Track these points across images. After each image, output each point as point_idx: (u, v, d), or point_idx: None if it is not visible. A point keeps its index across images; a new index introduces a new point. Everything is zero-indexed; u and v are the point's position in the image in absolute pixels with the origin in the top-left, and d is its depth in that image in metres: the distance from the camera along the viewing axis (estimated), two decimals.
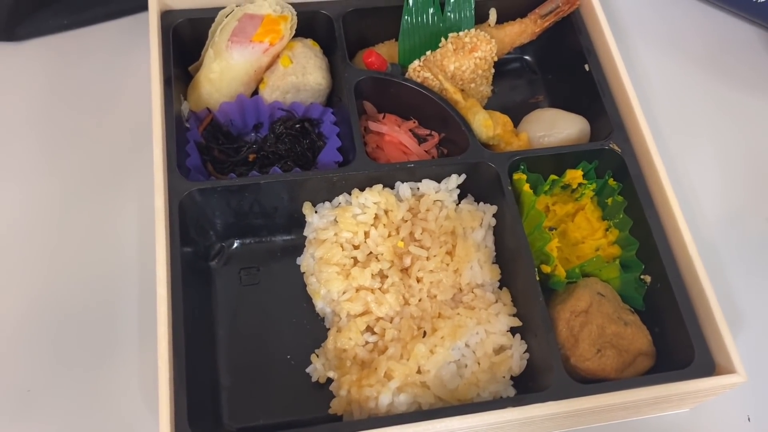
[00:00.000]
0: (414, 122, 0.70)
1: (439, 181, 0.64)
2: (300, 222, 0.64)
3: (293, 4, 0.68)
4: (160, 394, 0.50)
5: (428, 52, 0.68)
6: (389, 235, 0.61)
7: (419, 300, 0.59)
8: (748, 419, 0.62)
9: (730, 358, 0.54)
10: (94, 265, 0.65)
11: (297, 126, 0.67)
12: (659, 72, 0.82)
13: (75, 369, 0.60)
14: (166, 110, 0.62)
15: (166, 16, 0.68)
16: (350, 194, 0.63)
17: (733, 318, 0.65)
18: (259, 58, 0.66)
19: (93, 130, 0.72)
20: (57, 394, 0.59)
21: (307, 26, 0.69)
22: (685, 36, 0.85)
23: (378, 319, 0.58)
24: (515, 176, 0.63)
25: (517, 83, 0.79)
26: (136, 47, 0.75)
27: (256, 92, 0.69)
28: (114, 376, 0.60)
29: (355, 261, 0.60)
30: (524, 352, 0.58)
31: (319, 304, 0.61)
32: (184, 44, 0.68)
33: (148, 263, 0.60)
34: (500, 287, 0.62)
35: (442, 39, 0.69)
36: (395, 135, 0.67)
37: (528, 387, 0.57)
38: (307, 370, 0.59)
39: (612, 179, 0.65)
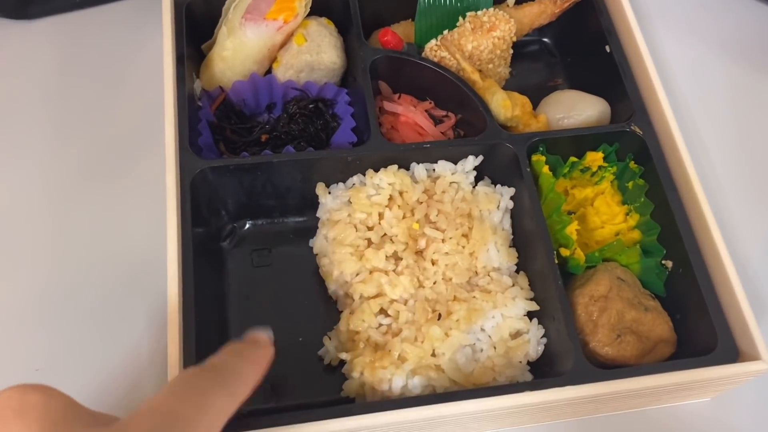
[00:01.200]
0: (430, 103, 0.68)
1: (455, 163, 0.63)
2: (313, 203, 0.63)
3: None
4: (169, 375, 0.49)
5: (445, 32, 0.67)
6: (404, 217, 0.60)
7: (434, 283, 0.58)
8: None
9: (755, 344, 0.53)
10: (106, 243, 0.64)
11: (311, 106, 0.66)
12: (680, 55, 0.80)
13: (85, 348, 0.59)
14: (179, 88, 0.61)
15: None
16: (364, 175, 0.62)
17: (758, 305, 0.64)
18: (272, 35, 0.65)
19: (105, 109, 0.71)
20: (66, 374, 0.58)
21: (322, 4, 0.68)
22: (707, 20, 0.83)
23: (392, 301, 0.57)
24: (534, 158, 0.62)
25: (536, 66, 0.77)
26: (149, 25, 0.74)
27: (269, 71, 0.68)
28: (124, 356, 0.59)
29: (369, 242, 0.59)
30: (541, 337, 0.57)
31: (332, 287, 0.60)
32: (197, 22, 0.67)
33: (160, 242, 0.59)
34: (517, 271, 0.61)
35: (460, 18, 0.68)
36: (411, 115, 0.66)
37: (545, 372, 0.56)
38: (319, 352, 0.58)
39: (633, 162, 0.63)
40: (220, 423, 0.37)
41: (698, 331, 0.56)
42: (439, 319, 0.56)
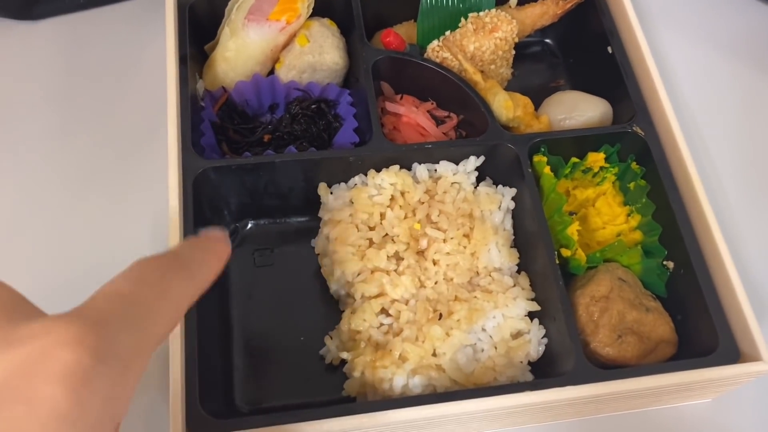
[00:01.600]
0: (432, 103, 0.68)
1: (457, 163, 0.63)
2: (315, 204, 0.63)
3: None
4: (171, 374, 0.49)
5: (448, 32, 0.67)
6: (405, 217, 0.60)
7: (435, 283, 0.58)
8: None
9: (756, 345, 0.53)
10: (108, 243, 0.64)
11: (313, 106, 0.66)
12: (682, 56, 0.80)
13: None
14: (182, 89, 0.61)
15: None
16: (366, 175, 0.62)
17: (759, 306, 0.63)
18: (275, 36, 0.65)
19: (109, 109, 0.72)
20: None
21: (325, 5, 0.68)
22: (708, 21, 0.83)
23: (393, 301, 0.57)
24: (535, 158, 0.62)
25: (538, 67, 0.78)
26: (152, 26, 0.74)
27: (272, 72, 0.68)
28: None
29: (371, 242, 0.59)
30: (542, 338, 0.57)
31: (334, 286, 0.60)
32: (200, 23, 0.68)
33: (162, 242, 0.59)
34: (518, 271, 0.61)
35: (462, 19, 0.68)
36: (413, 116, 0.66)
37: (546, 373, 0.56)
38: (321, 351, 0.58)
39: (635, 163, 0.63)
40: (181, 308, 0.35)
41: (699, 332, 0.56)
42: (440, 318, 0.56)
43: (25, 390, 0.26)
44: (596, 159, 0.64)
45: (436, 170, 0.62)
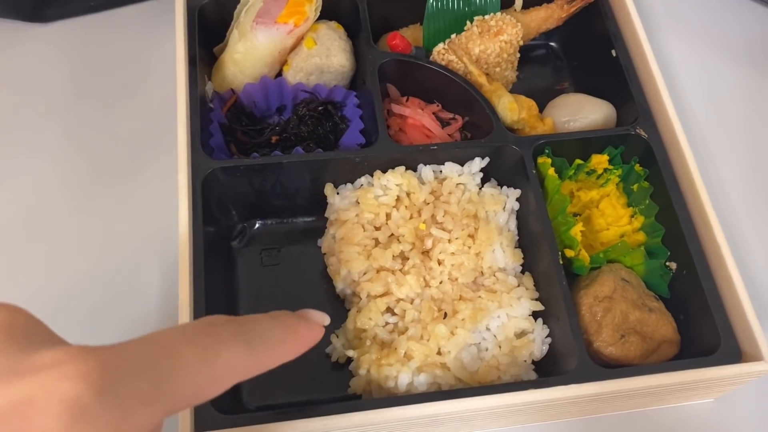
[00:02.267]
0: (437, 105, 0.69)
1: (462, 164, 0.63)
2: (321, 204, 0.64)
3: None
4: None
5: (453, 35, 0.68)
6: (411, 217, 0.61)
7: (440, 282, 0.59)
8: None
9: (758, 345, 0.53)
10: (118, 242, 0.65)
11: (320, 108, 0.67)
12: (686, 59, 0.81)
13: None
14: (191, 90, 0.62)
15: None
16: (372, 176, 0.63)
17: (761, 307, 0.64)
18: (283, 39, 0.66)
19: (118, 110, 0.73)
20: None
21: (332, 9, 0.69)
22: (712, 24, 0.84)
23: (398, 300, 0.58)
24: (540, 160, 0.63)
25: (543, 70, 0.78)
26: (162, 29, 0.75)
27: (280, 74, 0.69)
28: None
29: (377, 242, 0.60)
30: (546, 337, 0.57)
31: (339, 285, 0.61)
32: (209, 25, 0.68)
33: (171, 242, 0.60)
34: (522, 271, 0.61)
35: (468, 22, 0.69)
36: (418, 118, 0.67)
37: (550, 372, 0.57)
38: (327, 350, 0.59)
39: (638, 165, 0.64)
40: (227, 378, 0.33)
41: (701, 332, 0.57)
42: (444, 318, 0.57)
43: (21, 420, 0.25)
44: (600, 161, 0.64)
45: (441, 171, 0.63)
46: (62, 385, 0.26)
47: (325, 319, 0.41)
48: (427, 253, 0.60)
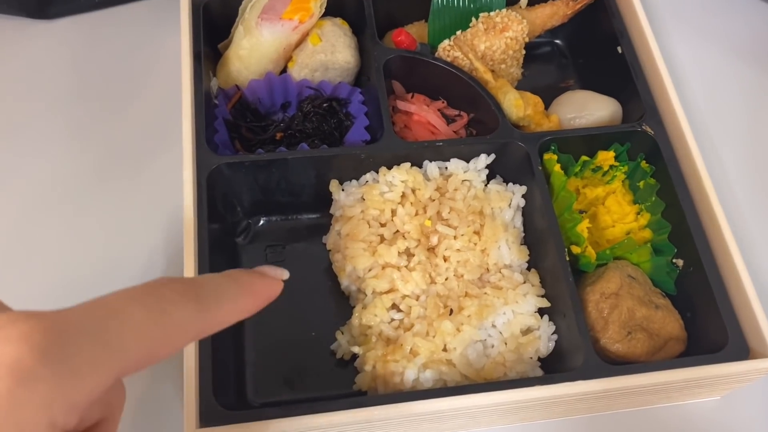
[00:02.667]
0: (443, 102, 0.69)
1: (467, 161, 0.63)
2: (326, 201, 0.64)
3: None
4: (185, 368, 0.50)
5: (458, 32, 0.68)
6: (416, 214, 0.61)
7: (446, 279, 0.59)
8: None
9: (765, 342, 0.53)
10: (123, 238, 0.65)
11: (325, 105, 0.67)
12: (692, 56, 0.80)
13: None
14: (196, 87, 0.62)
15: None
16: (377, 172, 0.62)
17: None
18: (288, 35, 0.66)
19: (123, 106, 0.73)
20: None
21: (337, 5, 0.69)
22: (718, 22, 0.84)
23: (404, 296, 0.58)
24: (546, 156, 0.63)
25: (548, 68, 0.78)
26: (167, 25, 0.75)
27: (285, 70, 0.69)
28: None
29: (382, 238, 0.60)
30: (552, 334, 0.57)
31: (345, 282, 0.61)
32: (214, 22, 0.68)
33: (176, 237, 0.60)
34: (528, 268, 0.61)
35: (473, 19, 0.68)
36: (423, 115, 0.67)
37: (556, 369, 0.56)
38: (332, 346, 0.59)
39: (644, 162, 0.64)
40: (180, 337, 0.31)
41: (708, 329, 0.57)
42: (450, 314, 0.57)
43: None
44: (606, 157, 0.64)
45: (446, 168, 0.63)
46: (2, 348, 0.25)
47: (283, 274, 0.39)
48: (433, 250, 0.60)
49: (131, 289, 0.30)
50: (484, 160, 0.63)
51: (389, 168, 0.62)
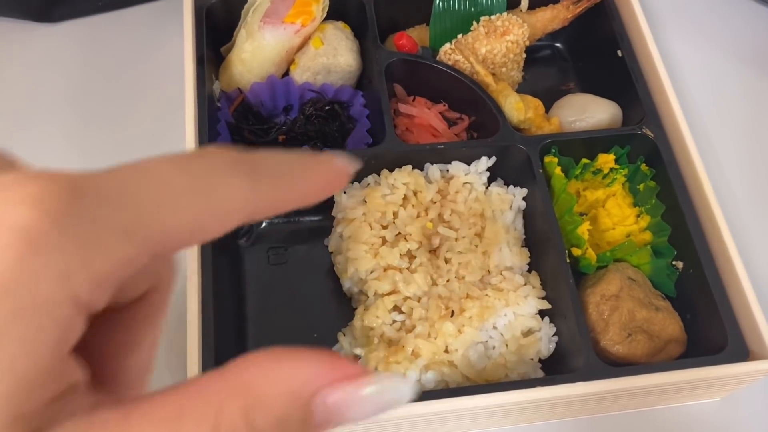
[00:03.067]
0: (444, 105, 0.70)
1: (468, 164, 0.64)
2: (328, 203, 0.64)
3: None
4: (188, 371, 0.50)
5: (460, 36, 0.68)
6: (418, 216, 0.61)
7: (447, 281, 0.59)
8: None
9: (765, 344, 0.53)
10: None
11: (327, 108, 0.67)
12: (692, 59, 0.81)
13: None
14: (198, 90, 0.63)
15: None
16: (379, 175, 0.63)
17: None
18: (290, 38, 0.66)
19: (127, 109, 0.73)
20: None
21: (339, 9, 0.69)
22: (719, 25, 0.84)
23: (406, 298, 0.58)
24: (546, 159, 0.63)
25: (548, 71, 0.79)
26: (169, 28, 0.75)
27: (287, 73, 0.69)
28: None
29: (384, 240, 0.60)
30: (553, 335, 0.58)
31: (347, 284, 0.61)
32: (217, 25, 0.69)
33: None
34: (529, 270, 0.61)
35: (474, 22, 0.69)
36: (425, 117, 0.67)
37: (557, 370, 0.57)
38: (334, 348, 0.59)
39: (644, 164, 0.64)
40: (228, 214, 0.25)
41: (708, 331, 0.57)
42: (452, 316, 0.57)
43: None
44: (606, 160, 0.65)
45: (448, 170, 0.63)
46: (12, 210, 0.21)
47: (354, 164, 0.33)
48: (435, 252, 0.60)
49: (175, 155, 0.25)
50: (485, 162, 0.63)
51: (391, 170, 0.62)
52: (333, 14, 0.69)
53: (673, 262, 0.61)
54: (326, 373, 0.21)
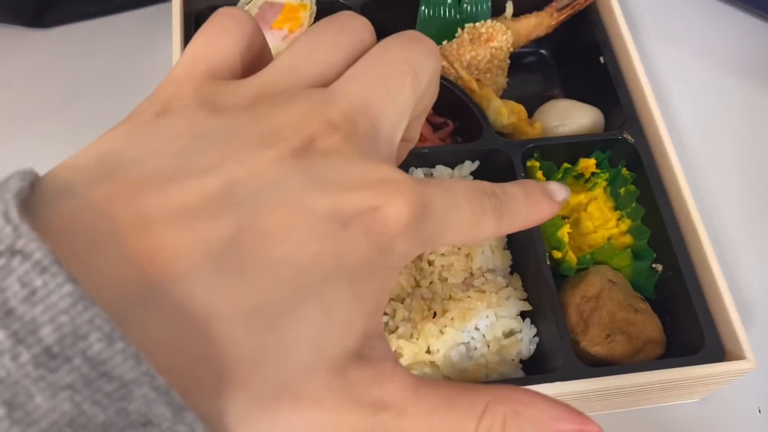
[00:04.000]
0: (429, 110, 0.70)
1: (452, 167, 0.65)
2: None
3: None
4: None
5: (444, 42, 0.69)
6: None
7: (430, 282, 0.60)
8: (759, 411, 0.62)
9: (740, 345, 0.54)
10: None
11: None
12: (673, 67, 0.82)
13: None
14: None
15: (189, 3, 0.69)
16: None
17: (745, 309, 0.65)
18: (278, 45, 0.67)
19: (117, 115, 0.72)
20: None
21: (326, 15, 0.70)
22: (699, 32, 0.85)
23: (389, 299, 0.59)
24: (528, 164, 0.64)
25: (533, 76, 0.80)
26: (160, 34, 0.76)
27: None
28: None
29: None
30: (534, 336, 0.58)
31: None
32: None
33: None
34: (511, 272, 0.62)
35: (459, 29, 0.70)
36: None
37: (537, 370, 0.57)
38: None
39: (625, 169, 0.65)
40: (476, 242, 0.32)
41: (686, 333, 0.58)
42: (434, 317, 0.58)
43: (369, 220, 0.23)
44: (588, 165, 0.66)
45: (432, 174, 0.64)
46: (396, 201, 0.23)
47: (567, 194, 0.38)
48: (419, 254, 0.61)
49: (467, 187, 0.29)
50: (468, 166, 0.64)
51: None
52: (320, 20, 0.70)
53: (653, 265, 0.62)
54: (571, 418, 0.24)
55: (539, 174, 0.63)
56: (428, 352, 0.56)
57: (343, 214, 0.22)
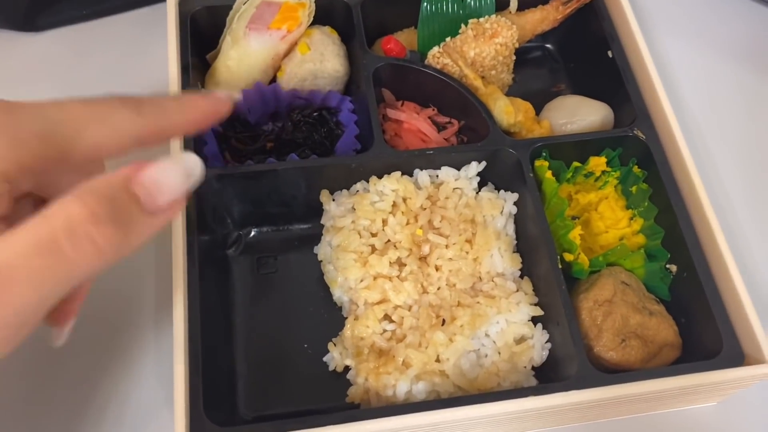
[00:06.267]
0: (433, 110, 0.69)
1: (458, 169, 0.63)
2: (317, 211, 0.64)
3: None
4: (175, 381, 0.49)
5: (448, 39, 0.67)
6: (407, 223, 0.60)
7: (438, 288, 0.58)
8: None
9: (760, 348, 0.52)
10: None
11: (315, 114, 0.67)
12: (682, 59, 0.80)
13: (89, 355, 0.60)
14: None
15: (184, 4, 0.67)
16: (368, 182, 0.62)
17: (763, 309, 0.63)
18: (276, 45, 0.65)
19: None
20: (70, 379, 0.58)
21: (325, 14, 0.69)
22: (709, 24, 0.84)
23: (396, 307, 0.57)
24: (537, 163, 0.62)
25: (539, 72, 0.78)
26: (155, 36, 0.74)
27: (274, 80, 0.68)
28: (129, 363, 0.59)
29: (373, 248, 0.60)
30: (546, 342, 0.57)
31: (337, 293, 0.60)
32: (202, 32, 0.68)
33: (166, 249, 0.60)
34: (521, 276, 0.61)
35: (462, 25, 0.68)
36: (414, 122, 0.67)
37: (550, 378, 0.56)
38: (324, 358, 0.59)
39: (636, 167, 0.63)
40: (121, 137, 0.39)
41: (703, 335, 0.56)
42: (443, 324, 0.56)
43: None
44: (598, 163, 0.64)
45: (437, 176, 0.63)
46: None
47: (233, 95, 0.43)
48: (425, 259, 0.60)
49: (76, 97, 0.38)
50: (475, 167, 0.63)
51: (380, 177, 0.62)
52: (319, 19, 0.68)
53: (667, 266, 0.60)
54: (135, 167, 0.33)
55: (548, 174, 0.61)
56: (438, 360, 0.55)
57: None
